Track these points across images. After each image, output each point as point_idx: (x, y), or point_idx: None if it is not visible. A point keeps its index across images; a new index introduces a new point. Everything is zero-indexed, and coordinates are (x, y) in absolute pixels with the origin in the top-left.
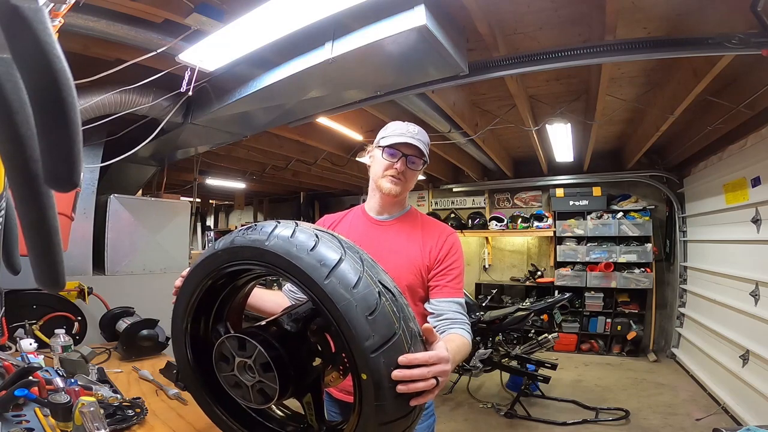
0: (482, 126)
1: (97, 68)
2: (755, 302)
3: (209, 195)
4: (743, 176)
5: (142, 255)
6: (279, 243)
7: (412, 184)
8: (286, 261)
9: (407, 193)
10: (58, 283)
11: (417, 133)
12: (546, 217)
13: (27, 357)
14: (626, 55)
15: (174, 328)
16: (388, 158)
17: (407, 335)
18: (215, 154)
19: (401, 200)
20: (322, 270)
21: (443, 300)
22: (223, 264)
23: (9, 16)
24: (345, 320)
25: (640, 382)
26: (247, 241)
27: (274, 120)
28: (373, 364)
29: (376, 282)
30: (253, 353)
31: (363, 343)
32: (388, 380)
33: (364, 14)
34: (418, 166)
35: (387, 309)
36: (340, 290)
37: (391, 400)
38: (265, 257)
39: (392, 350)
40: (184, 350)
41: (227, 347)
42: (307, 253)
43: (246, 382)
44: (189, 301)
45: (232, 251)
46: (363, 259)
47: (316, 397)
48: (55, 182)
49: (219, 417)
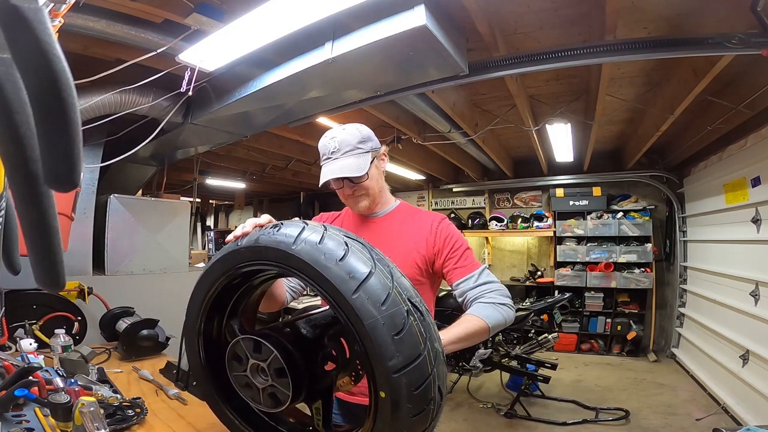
0: (482, 126)
1: (97, 68)
2: (755, 302)
3: (209, 195)
4: (743, 176)
5: (142, 255)
6: (306, 249)
7: (377, 184)
8: (313, 269)
9: (381, 189)
10: (58, 283)
11: (340, 148)
12: (546, 217)
13: (27, 357)
14: (626, 55)
15: (187, 324)
16: (335, 187)
17: (431, 356)
18: (215, 154)
19: (382, 198)
20: (350, 283)
21: (460, 281)
22: (245, 262)
23: (9, 16)
24: (370, 338)
25: (640, 382)
26: (272, 241)
27: (274, 120)
28: (394, 384)
29: (405, 300)
30: (268, 357)
31: (386, 362)
32: (407, 400)
33: (364, 14)
34: (362, 178)
35: (414, 329)
36: (368, 306)
37: (407, 420)
38: (290, 262)
39: (415, 371)
40: (197, 346)
41: (242, 348)
42: (336, 264)
43: (258, 385)
44: (205, 296)
45: (256, 250)
46: (393, 273)
47: (325, 403)
48: (55, 182)
49: (225, 414)
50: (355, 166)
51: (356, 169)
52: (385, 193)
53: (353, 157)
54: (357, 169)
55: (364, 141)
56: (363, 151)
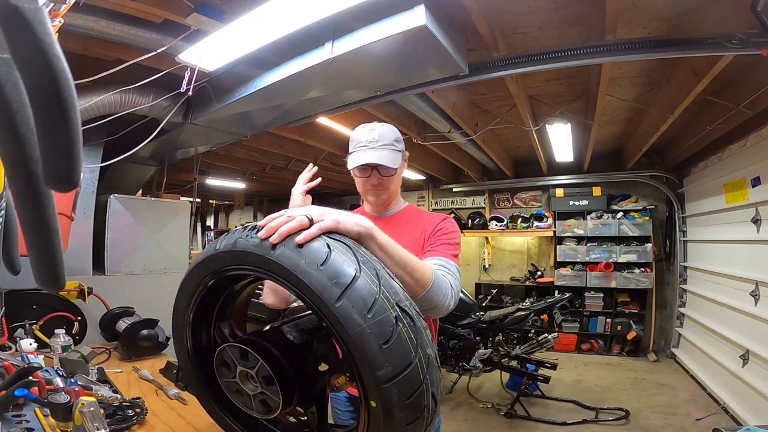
0: (482, 126)
1: (97, 68)
2: (755, 302)
3: (209, 195)
4: (743, 176)
5: (142, 255)
6: (286, 253)
7: (396, 183)
8: (293, 275)
9: (398, 189)
10: (58, 283)
11: (380, 140)
12: (546, 217)
13: (27, 357)
14: (626, 55)
15: (175, 324)
16: (360, 176)
17: (423, 363)
18: (215, 154)
19: (395, 198)
20: (333, 290)
21: (427, 259)
22: (226, 266)
23: (9, 16)
24: (357, 347)
25: (640, 382)
26: (251, 245)
27: (274, 120)
28: (384, 394)
29: (393, 305)
30: (255, 365)
31: (375, 372)
32: (399, 410)
33: (364, 14)
34: (391, 171)
35: (404, 336)
36: (353, 315)
37: (400, 429)
38: (269, 267)
39: (406, 380)
40: (186, 351)
41: (228, 355)
42: (317, 268)
43: (248, 391)
44: (191, 298)
45: (235, 255)
46: (380, 275)
47: (320, 405)
48: (55, 182)
49: (218, 415)
50: (392, 159)
51: (392, 161)
52: (398, 195)
53: (389, 151)
54: (392, 161)
55: (398, 141)
56: (396, 150)
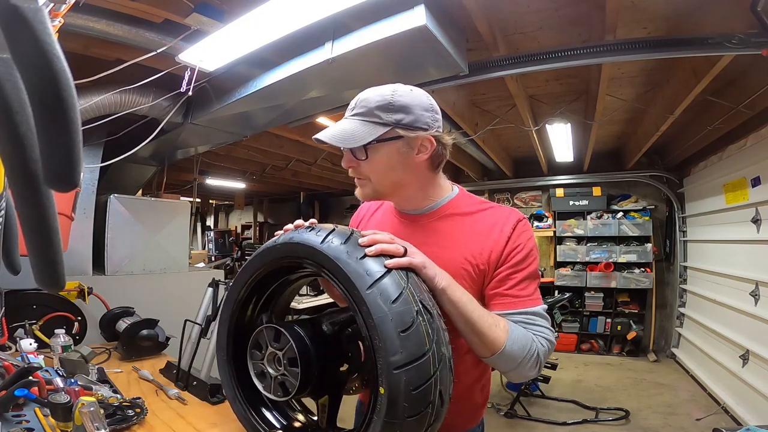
0: (482, 126)
1: (97, 68)
2: (755, 302)
3: (209, 195)
4: (743, 176)
5: (142, 255)
6: (332, 247)
7: (389, 174)
8: (334, 264)
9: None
10: (58, 283)
11: (355, 106)
12: (546, 217)
13: (27, 357)
14: (626, 55)
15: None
16: None
17: (436, 359)
18: (215, 154)
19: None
20: (366, 279)
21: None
22: (279, 257)
23: (9, 16)
24: (377, 331)
25: (640, 382)
26: (303, 239)
27: (274, 120)
28: (393, 380)
29: (417, 301)
30: (284, 346)
31: (389, 357)
32: (404, 399)
33: (364, 14)
34: (359, 153)
35: (422, 329)
36: (379, 302)
37: (402, 420)
38: (316, 257)
39: (417, 370)
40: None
41: (264, 336)
42: (356, 261)
43: (271, 373)
44: (242, 287)
45: (289, 247)
46: (409, 276)
47: (332, 401)
48: (55, 182)
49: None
50: (349, 134)
51: (345, 139)
52: (428, 188)
53: (359, 123)
54: (349, 138)
55: (389, 109)
56: (377, 121)
